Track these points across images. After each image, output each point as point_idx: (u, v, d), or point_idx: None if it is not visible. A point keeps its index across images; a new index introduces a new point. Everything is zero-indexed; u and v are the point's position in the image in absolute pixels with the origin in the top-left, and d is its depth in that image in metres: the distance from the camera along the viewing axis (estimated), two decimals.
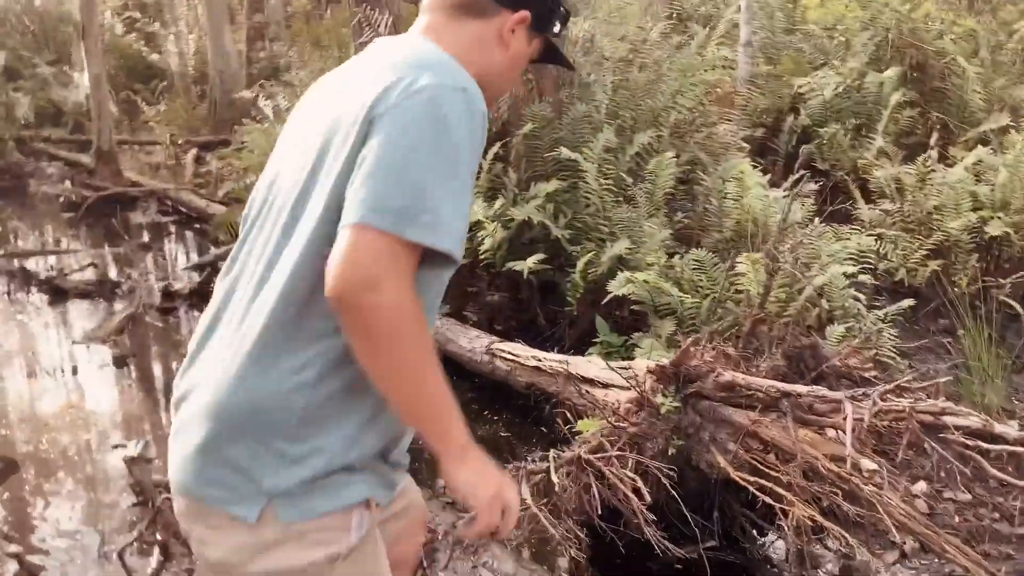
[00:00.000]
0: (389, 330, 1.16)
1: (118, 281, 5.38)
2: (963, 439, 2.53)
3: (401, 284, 1.17)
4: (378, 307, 1.15)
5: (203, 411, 1.25)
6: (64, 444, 3.57)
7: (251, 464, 1.22)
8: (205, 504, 1.24)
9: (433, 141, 1.19)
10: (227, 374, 1.24)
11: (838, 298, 3.53)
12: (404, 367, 1.19)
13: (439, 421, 1.26)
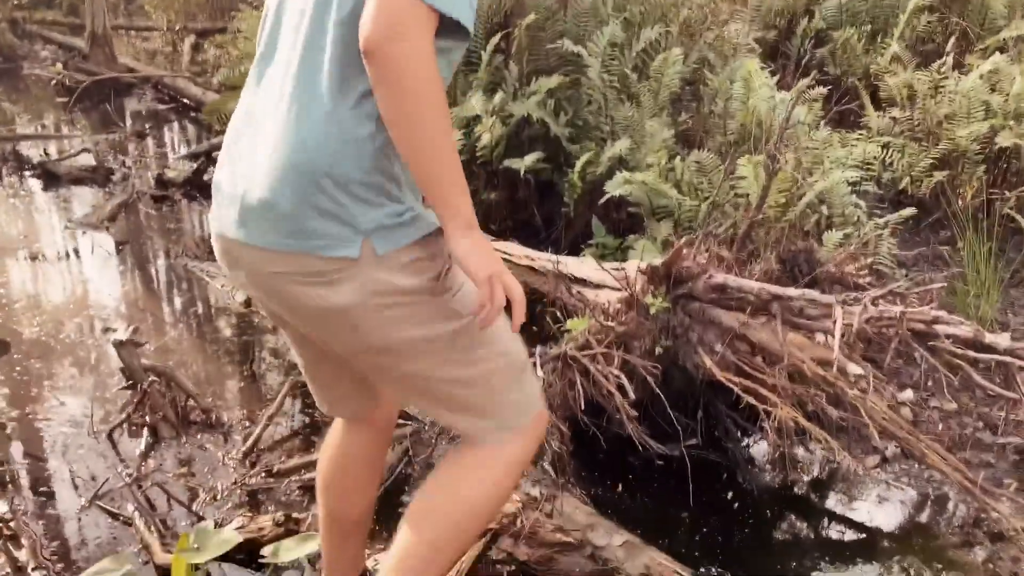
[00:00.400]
0: (412, 81, 1.27)
1: (112, 168, 5.31)
2: (953, 347, 2.51)
3: (423, 40, 1.27)
4: (403, 57, 1.25)
5: (279, 180, 1.36)
6: (55, 327, 3.57)
7: (341, 210, 1.35)
8: (308, 255, 1.36)
9: None
10: (292, 141, 1.36)
11: (838, 205, 3.46)
12: (424, 121, 1.30)
13: (451, 189, 1.35)
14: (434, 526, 1.62)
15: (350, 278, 1.38)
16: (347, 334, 1.45)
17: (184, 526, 2.44)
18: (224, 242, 1.49)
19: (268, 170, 1.38)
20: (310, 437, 2.93)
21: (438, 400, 1.56)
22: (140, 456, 2.77)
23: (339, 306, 1.40)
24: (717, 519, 2.62)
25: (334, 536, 1.97)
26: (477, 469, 1.60)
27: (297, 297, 1.42)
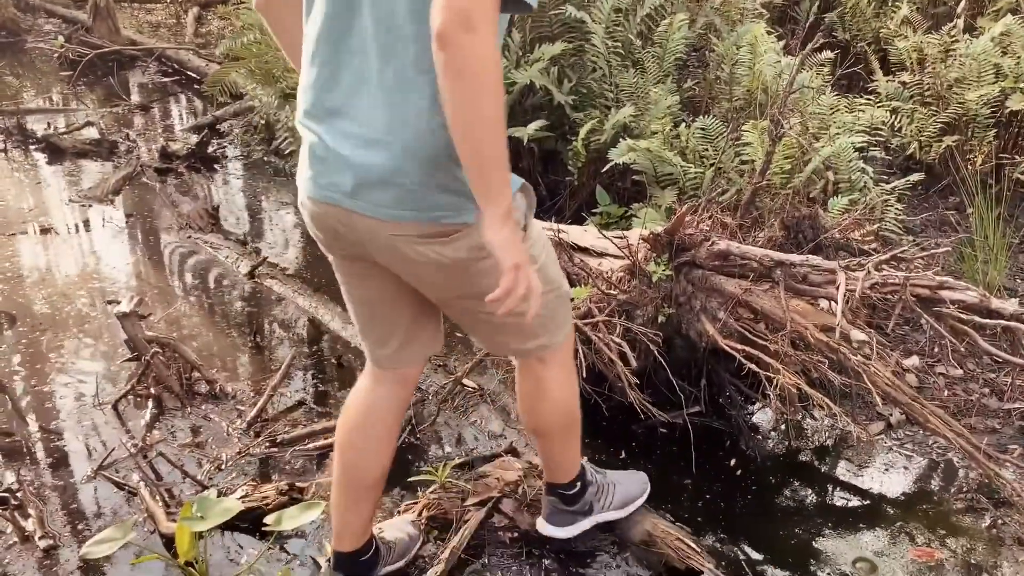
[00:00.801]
0: (481, 71, 1.36)
1: (116, 141, 5.29)
2: (958, 313, 2.49)
3: (491, 30, 1.36)
4: (472, 47, 1.34)
5: (401, 164, 1.53)
6: (60, 300, 3.58)
7: (459, 184, 1.54)
8: (432, 224, 1.57)
9: None
10: (407, 132, 1.51)
11: (845, 170, 3.43)
12: (487, 110, 1.39)
13: (497, 177, 1.46)
14: (552, 430, 2.08)
15: (465, 236, 1.61)
16: (452, 282, 1.71)
17: (189, 496, 2.45)
18: (329, 208, 1.64)
19: (387, 155, 1.53)
20: (314, 408, 2.94)
21: (512, 329, 1.84)
22: (145, 427, 2.79)
23: (455, 260, 1.63)
24: (720, 486, 2.62)
25: (348, 498, 2.03)
26: (551, 374, 1.98)
27: (415, 256, 1.63)
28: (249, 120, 5.47)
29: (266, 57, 4.73)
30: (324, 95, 1.60)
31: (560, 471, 2.20)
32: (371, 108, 1.54)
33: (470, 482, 2.49)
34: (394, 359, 1.95)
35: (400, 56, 1.50)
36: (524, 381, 2.04)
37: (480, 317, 1.83)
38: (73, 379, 3.06)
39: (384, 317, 1.89)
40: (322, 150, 1.62)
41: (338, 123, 1.59)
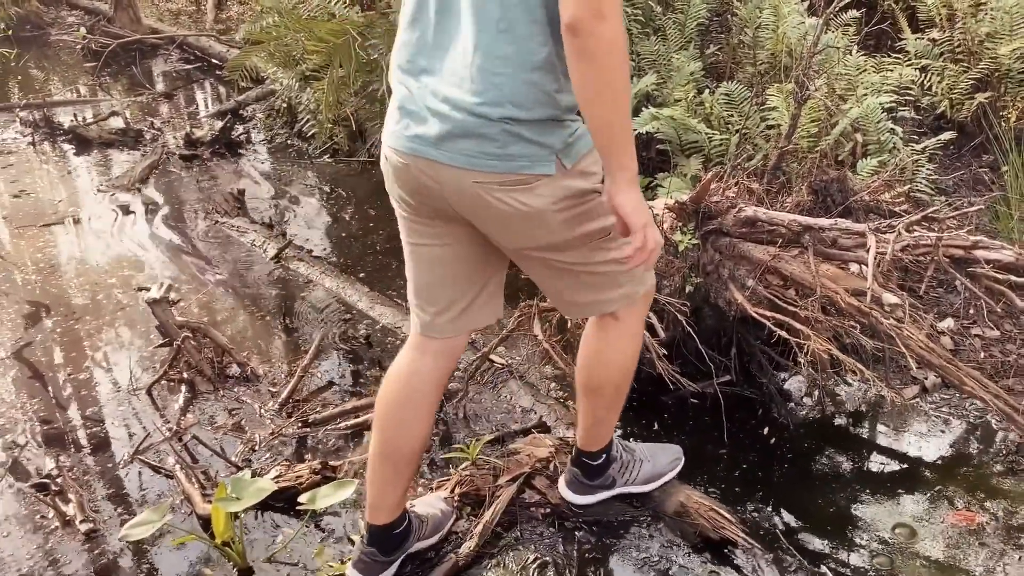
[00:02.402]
0: (609, 54, 1.50)
1: (140, 129, 5.33)
2: (994, 273, 2.44)
3: (619, 15, 1.50)
4: (603, 34, 1.47)
5: (484, 118, 1.61)
6: (91, 289, 3.62)
7: (539, 136, 1.64)
8: (513, 173, 1.65)
9: None
10: (492, 90, 1.60)
11: (873, 132, 3.36)
12: (617, 92, 1.55)
13: (625, 146, 1.61)
14: (606, 388, 2.07)
15: (547, 184, 1.67)
16: (531, 232, 1.76)
17: (224, 477, 2.48)
18: (414, 160, 1.71)
19: (472, 108, 1.61)
20: (345, 387, 2.96)
21: (590, 282, 1.89)
22: (179, 411, 2.82)
23: (536, 208, 1.69)
24: (755, 455, 2.61)
25: (385, 472, 2.03)
26: (622, 334, 2.00)
27: (496, 203, 1.69)
28: (271, 104, 5.48)
29: (286, 40, 4.73)
30: (417, 52, 1.70)
31: (594, 436, 2.19)
32: (459, 65, 1.63)
33: (501, 459, 2.49)
34: (450, 326, 1.96)
35: (488, 15, 1.58)
36: (594, 335, 2.05)
37: (561, 269, 1.87)
38: (108, 366, 3.10)
39: (454, 279, 1.92)
40: (411, 103, 1.70)
41: (427, 78, 1.68)
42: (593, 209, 1.76)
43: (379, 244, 3.98)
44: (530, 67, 1.60)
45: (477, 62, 1.60)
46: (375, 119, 4.52)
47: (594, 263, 1.85)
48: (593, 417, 2.16)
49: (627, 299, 1.96)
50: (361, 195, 4.51)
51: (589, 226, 1.78)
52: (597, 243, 1.82)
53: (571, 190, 1.71)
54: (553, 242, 1.78)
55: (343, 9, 4.81)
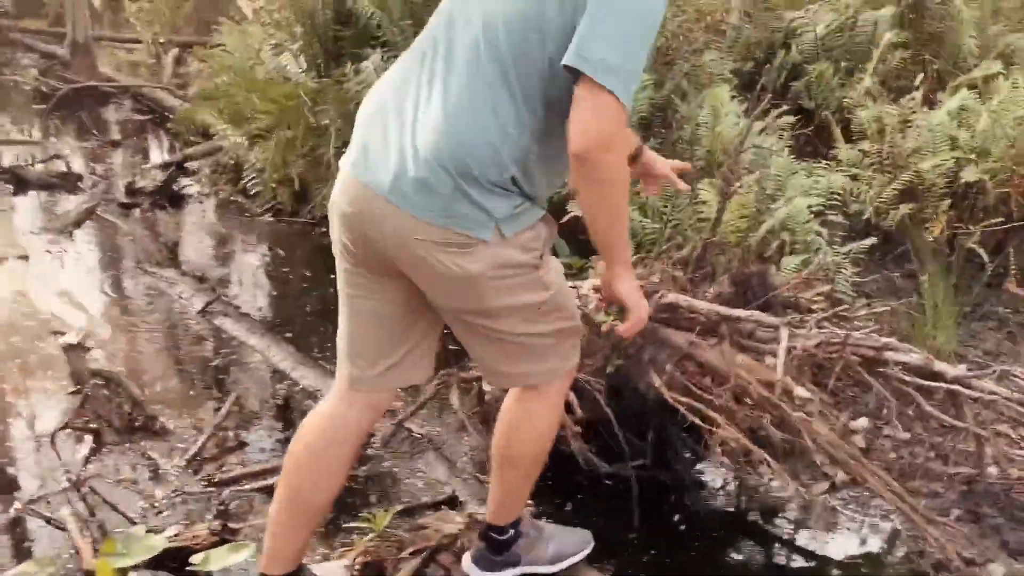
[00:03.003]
0: (613, 179, 1.65)
1: (82, 175, 5.28)
2: (901, 375, 2.51)
3: (623, 141, 1.63)
4: (610, 162, 1.61)
5: (439, 169, 1.66)
6: (7, 331, 3.52)
7: (485, 201, 1.67)
8: (453, 231, 1.68)
9: (644, 11, 1.60)
10: (454, 143, 1.65)
11: (800, 232, 3.48)
12: (616, 206, 1.71)
13: (622, 248, 1.81)
14: (522, 462, 2.07)
15: (484, 250, 1.71)
16: (464, 295, 1.78)
17: (118, 532, 2.39)
18: (368, 194, 1.73)
19: (430, 158, 1.66)
20: (257, 448, 2.89)
21: (517, 353, 1.91)
22: (81, 460, 2.72)
23: (470, 273, 1.72)
24: (664, 540, 2.60)
25: (288, 521, 2.00)
26: (542, 407, 2.01)
27: (434, 263, 1.72)
28: (218, 159, 5.48)
29: (237, 98, 4.76)
30: (405, 95, 1.75)
31: (504, 510, 2.17)
32: (438, 117, 1.68)
33: (409, 532, 2.45)
34: (379, 381, 1.96)
35: (480, 82, 1.66)
36: (513, 406, 2.05)
37: (490, 336, 1.88)
38: (13, 410, 3.00)
39: (388, 335, 1.93)
40: (379, 141, 1.75)
41: (396, 124, 1.73)
42: (528, 283, 1.80)
43: (311, 305, 3.96)
44: (501, 140, 1.66)
45: (455, 118, 1.67)
46: (320, 182, 4.54)
47: (523, 334, 1.87)
48: (505, 490, 2.15)
49: (551, 374, 1.98)
50: (299, 256, 4.50)
51: (522, 298, 1.81)
52: (528, 315, 1.84)
53: (508, 260, 1.74)
54: (485, 308, 1.80)
55: (298, 74, 4.90)
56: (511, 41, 1.66)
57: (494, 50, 1.66)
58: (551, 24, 1.62)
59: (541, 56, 1.64)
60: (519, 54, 1.66)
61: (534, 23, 1.64)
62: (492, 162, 1.67)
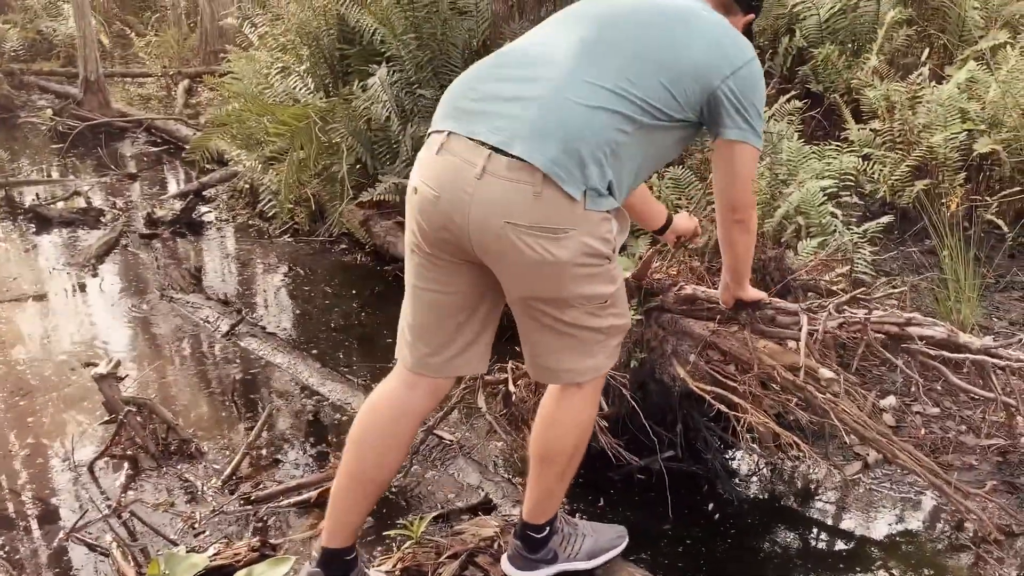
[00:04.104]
0: (752, 229, 2.16)
1: (102, 209, 5.36)
2: (927, 349, 2.50)
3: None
4: (753, 217, 2.15)
5: (564, 123, 1.80)
6: (40, 365, 3.59)
7: (587, 164, 1.80)
8: (550, 179, 1.78)
9: (763, 91, 2.00)
10: (584, 107, 1.81)
11: (815, 215, 3.48)
12: (748, 243, 2.18)
13: (747, 272, 2.30)
14: (558, 458, 2.12)
15: (573, 238, 1.82)
16: (544, 282, 1.89)
17: (165, 555, 2.42)
18: (459, 176, 1.83)
19: (546, 114, 1.80)
20: (291, 464, 2.93)
21: (571, 347, 2.00)
22: (121, 487, 2.77)
23: (559, 260, 1.83)
24: (699, 531, 2.60)
25: (351, 495, 2.11)
26: (580, 404, 2.09)
27: (522, 247, 1.82)
28: (234, 185, 5.55)
29: (249, 123, 4.83)
30: (500, 85, 1.88)
31: (541, 508, 2.20)
32: (552, 93, 1.82)
33: (446, 537, 2.47)
34: (442, 367, 2.08)
35: (602, 86, 1.83)
36: (554, 403, 2.12)
37: (552, 327, 1.98)
38: (51, 442, 3.05)
39: (452, 327, 2.04)
40: (488, 90, 1.89)
41: (506, 105, 1.84)
42: (601, 274, 1.92)
43: (334, 322, 4.00)
44: (613, 128, 1.83)
45: (568, 94, 1.82)
46: (335, 200, 4.59)
47: (583, 327, 1.97)
48: (542, 488, 2.17)
49: (595, 371, 2.06)
50: (319, 274, 4.54)
51: (594, 289, 1.92)
52: (593, 308, 1.96)
53: (591, 249, 1.86)
54: (559, 296, 1.91)
55: (307, 95, 4.95)
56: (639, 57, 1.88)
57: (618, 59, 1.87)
58: (686, 63, 1.89)
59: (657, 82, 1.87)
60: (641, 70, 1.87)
61: (669, 54, 1.90)
62: (603, 139, 1.82)
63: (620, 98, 1.84)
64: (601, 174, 1.83)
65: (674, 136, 1.98)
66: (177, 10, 9.98)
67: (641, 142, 1.89)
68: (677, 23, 1.94)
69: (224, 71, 5.85)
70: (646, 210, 2.49)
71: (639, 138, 1.88)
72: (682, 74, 1.89)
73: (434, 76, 4.69)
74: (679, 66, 1.89)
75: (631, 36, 1.91)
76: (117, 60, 9.48)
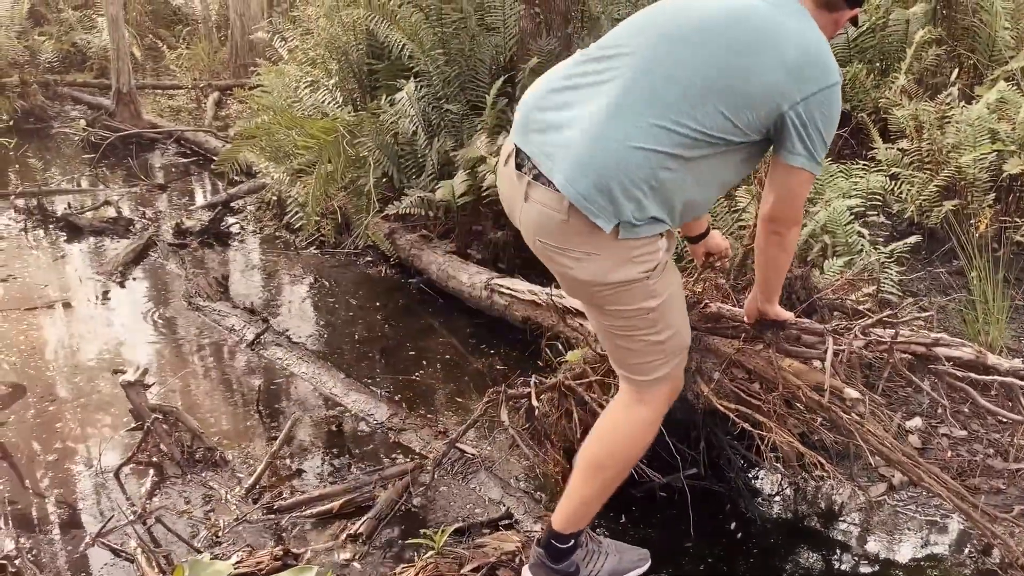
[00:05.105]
0: (791, 248, 2.12)
1: (132, 219, 5.44)
2: (954, 371, 2.48)
3: (801, 221, 2.16)
4: (793, 235, 2.08)
5: (598, 161, 1.85)
6: (69, 371, 3.64)
7: (619, 200, 1.85)
8: (578, 209, 1.86)
9: (836, 118, 1.95)
10: (622, 146, 1.85)
11: (841, 234, 3.46)
12: (785, 266, 2.17)
13: (777, 289, 2.27)
14: (605, 465, 2.16)
15: (592, 261, 1.91)
16: (574, 291, 2.07)
17: (189, 562, 2.44)
18: (514, 172, 1.98)
19: (585, 149, 1.86)
20: (314, 474, 2.95)
21: (626, 351, 2.09)
22: (146, 494, 2.80)
23: (575, 277, 1.96)
24: (721, 550, 2.59)
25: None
26: (640, 414, 2.15)
27: (548, 258, 1.99)
28: (262, 197, 5.60)
29: (277, 136, 4.88)
30: (559, 112, 1.93)
31: (574, 519, 2.20)
32: (600, 121, 1.87)
33: (467, 549, 2.47)
34: None
35: (649, 122, 1.85)
36: (615, 410, 2.19)
37: (603, 329, 2.12)
38: (79, 448, 3.09)
39: None
40: (546, 117, 1.94)
41: (561, 110, 1.93)
42: (636, 290, 1.97)
43: (358, 333, 4.02)
44: (650, 167, 1.85)
45: (613, 121, 1.86)
46: (361, 212, 4.63)
47: (631, 336, 2.04)
48: (582, 498, 2.18)
49: (652, 384, 2.12)
50: (344, 286, 4.58)
51: (626, 303, 1.99)
52: (637, 320, 2.01)
53: (617, 271, 1.92)
54: (591, 305, 2.08)
55: (335, 109, 5.00)
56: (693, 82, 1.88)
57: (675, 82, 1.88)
58: (756, 87, 1.86)
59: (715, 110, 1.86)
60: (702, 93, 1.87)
61: (738, 85, 1.87)
62: (645, 171, 1.86)
63: (670, 133, 1.84)
64: (638, 208, 1.86)
65: (738, 157, 1.96)
66: (208, 24, 10.11)
67: (694, 171, 1.90)
68: (757, 43, 1.87)
69: (254, 84, 5.92)
70: None
71: (691, 169, 1.89)
72: (750, 99, 1.86)
73: (461, 91, 4.73)
74: (747, 90, 1.85)
75: (699, 59, 1.87)
76: (149, 72, 9.61)
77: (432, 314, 4.18)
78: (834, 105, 1.92)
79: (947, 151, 4.26)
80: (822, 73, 1.88)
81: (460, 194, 4.25)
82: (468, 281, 3.96)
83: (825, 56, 1.91)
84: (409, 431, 3.14)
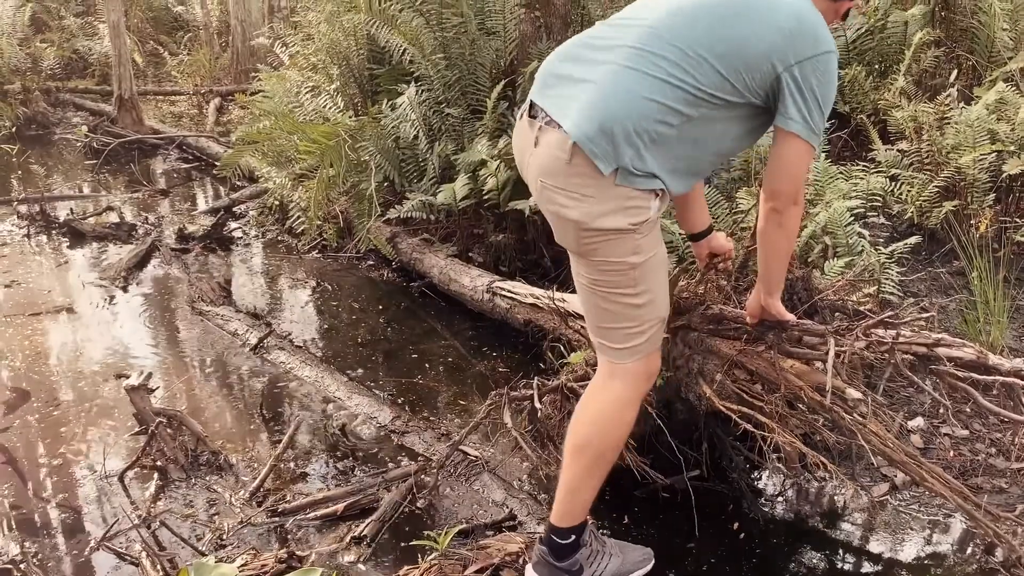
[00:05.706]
0: (793, 228, 2.09)
1: (134, 224, 5.45)
2: (955, 371, 2.49)
3: (803, 199, 2.09)
4: (794, 213, 2.05)
5: (606, 106, 1.93)
6: (73, 376, 3.65)
7: (620, 145, 1.92)
8: (581, 150, 1.92)
9: (832, 89, 1.98)
10: (630, 95, 1.93)
11: (841, 235, 3.47)
12: (786, 247, 2.14)
13: (780, 278, 2.24)
14: (587, 447, 2.17)
15: (584, 202, 1.95)
16: (563, 233, 2.06)
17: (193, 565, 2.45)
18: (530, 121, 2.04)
19: (596, 97, 1.94)
20: (317, 477, 2.95)
21: (607, 314, 2.11)
22: (150, 497, 2.81)
23: (567, 216, 1.99)
24: (724, 550, 2.59)
25: None
26: (613, 389, 2.16)
27: (545, 198, 2.03)
28: (264, 201, 5.62)
29: (279, 141, 4.90)
30: (576, 66, 2.02)
31: (568, 509, 2.21)
32: (609, 76, 1.95)
33: (471, 551, 2.48)
34: None
35: (655, 74, 1.93)
36: (592, 391, 2.22)
37: (585, 285, 2.13)
38: (83, 452, 3.10)
39: None
40: (563, 70, 2.04)
41: (569, 87, 2.01)
42: (621, 241, 2.00)
43: (360, 337, 4.03)
44: (652, 118, 1.92)
45: (623, 80, 1.94)
46: (363, 217, 4.64)
47: (613, 293, 2.07)
48: (569, 486, 2.19)
49: (630, 353, 2.13)
50: (347, 290, 4.59)
51: (611, 253, 2.01)
52: (619, 277, 2.04)
53: (606, 217, 1.96)
54: (578, 251, 2.07)
55: (336, 113, 5.02)
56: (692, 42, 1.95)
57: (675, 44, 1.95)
58: (751, 52, 1.92)
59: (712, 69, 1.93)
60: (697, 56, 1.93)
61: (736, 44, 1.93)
62: (648, 121, 1.92)
63: (673, 88, 1.92)
64: (637, 157, 1.93)
65: (737, 127, 2.01)
66: (209, 30, 10.14)
67: (693, 131, 1.96)
68: (755, 11, 1.95)
69: (255, 90, 5.95)
70: (694, 208, 2.47)
71: (691, 128, 1.95)
72: (746, 60, 1.92)
73: (462, 95, 4.74)
74: (745, 53, 1.92)
75: (699, 31, 1.95)
76: (150, 79, 9.64)
77: (434, 317, 4.19)
78: (829, 73, 1.96)
79: (947, 152, 4.27)
80: (816, 40, 1.94)
81: (461, 198, 4.26)
82: (470, 284, 3.97)
83: (820, 28, 1.96)
84: (412, 434, 3.15)
